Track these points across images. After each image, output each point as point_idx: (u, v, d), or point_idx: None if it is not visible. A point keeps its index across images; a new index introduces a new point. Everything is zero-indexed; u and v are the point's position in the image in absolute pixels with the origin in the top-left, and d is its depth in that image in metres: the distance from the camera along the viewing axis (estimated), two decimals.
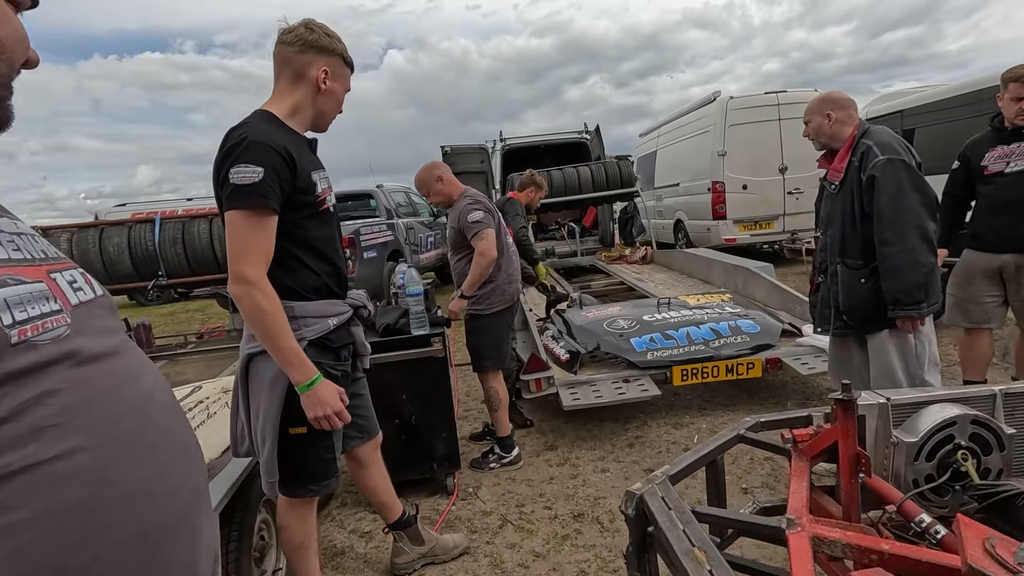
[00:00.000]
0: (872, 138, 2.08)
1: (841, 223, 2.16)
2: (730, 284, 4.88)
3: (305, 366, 1.44)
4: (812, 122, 2.22)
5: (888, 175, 1.99)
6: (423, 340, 2.51)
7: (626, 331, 3.43)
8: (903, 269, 2.00)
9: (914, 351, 2.12)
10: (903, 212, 1.99)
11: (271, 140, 1.41)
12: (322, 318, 1.57)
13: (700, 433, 3.06)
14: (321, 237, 1.57)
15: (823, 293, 2.35)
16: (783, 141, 7.94)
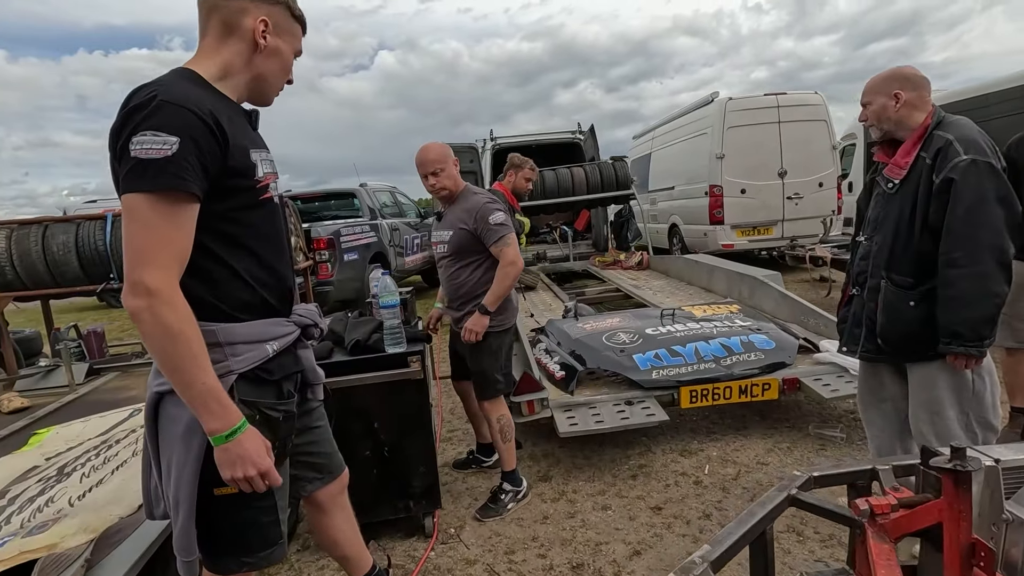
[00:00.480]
0: (952, 131, 1.68)
1: (894, 230, 1.80)
2: (733, 293, 4.58)
3: (225, 411, 1.07)
4: (873, 103, 1.82)
5: (970, 181, 1.61)
6: (399, 359, 2.16)
7: (628, 346, 3.10)
8: (971, 298, 1.64)
9: (971, 386, 1.77)
10: (981, 229, 1.61)
11: (192, 102, 1.05)
12: (257, 343, 1.19)
13: (711, 462, 2.73)
14: (260, 235, 1.20)
15: (855, 308, 2.00)
16: (783, 144, 7.69)
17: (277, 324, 1.25)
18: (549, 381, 3.08)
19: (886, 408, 2.07)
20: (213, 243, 1.13)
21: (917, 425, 1.90)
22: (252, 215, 1.18)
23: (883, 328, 1.86)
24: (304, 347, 1.37)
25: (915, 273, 1.77)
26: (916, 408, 1.90)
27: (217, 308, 1.14)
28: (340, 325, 2.42)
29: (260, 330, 1.21)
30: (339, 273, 5.83)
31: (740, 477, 2.58)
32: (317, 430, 1.51)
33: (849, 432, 2.87)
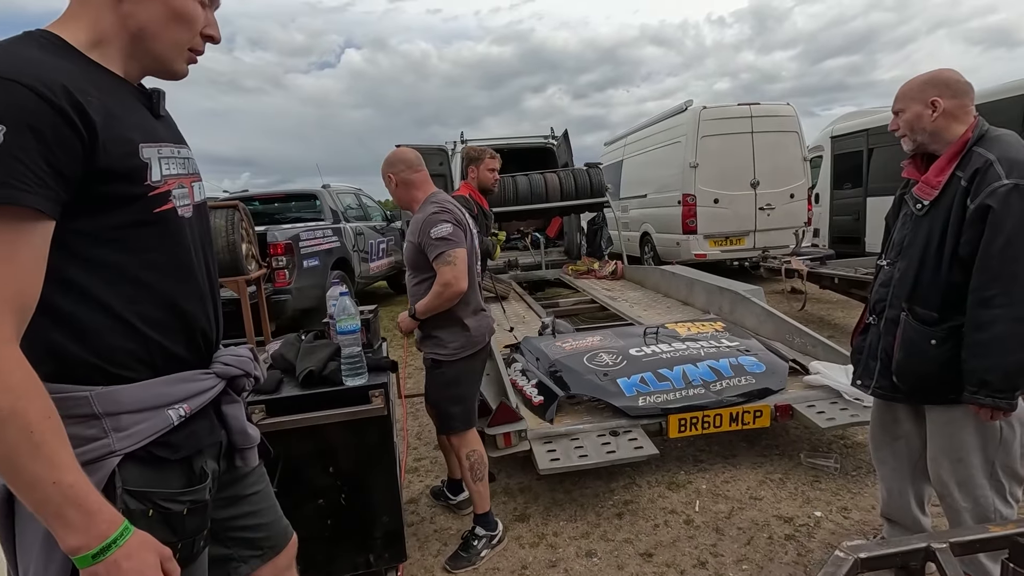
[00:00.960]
0: (995, 149, 1.47)
1: (920, 257, 1.60)
2: (713, 307, 4.43)
3: (91, 519, 0.74)
4: (907, 111, 1.61)
5: (1013, 210, 1.41)
6: (359, 394, 1.87)
7: (611, 368, 2.88)
8: (1005, 344, 1.44)
9: (999, 434, 1.59)
10: (1022, 264, 1.42)
11: (31, 75, 0.72)
12: (153, 410, 0.88)
13: (701, 497, 2.53)
14: (156, 263, 0.89)
15: (871, 339, 1.80)
16: (755, 155, 7.68)
17: (187, 380, 0.94)
18: (526, 406, 2.83)
19: (899, 447, 1.90)
20: (83, 277, 0.81)
21: (937, 472, 1.73)
22: (143, 235, 0.86)
23: (899, 365, 1.67)
24: (232, 402, 1.06)
25: (940, 307, 1.57)
26: (936, 453, 1.72)
27: (91, 366, 0.83)
28: (291, 350, 2.11)
29: (158, 391, 0.89)
30: (298, 281, 5.44)
31: (733, 515, 2.38)
32: (253, 498, 1.18)
33: (843, 461, 2.72)
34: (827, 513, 2.34)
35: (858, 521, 2.28)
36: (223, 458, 1.07)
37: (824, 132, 9.69)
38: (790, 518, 2.32)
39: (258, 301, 3.84)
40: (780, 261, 6.00)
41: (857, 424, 2.56)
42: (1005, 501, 1.65)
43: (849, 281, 5.08)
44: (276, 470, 1.81)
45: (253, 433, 1.12)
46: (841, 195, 9.03)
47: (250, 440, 1.10)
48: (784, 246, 7.47)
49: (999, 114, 6.18)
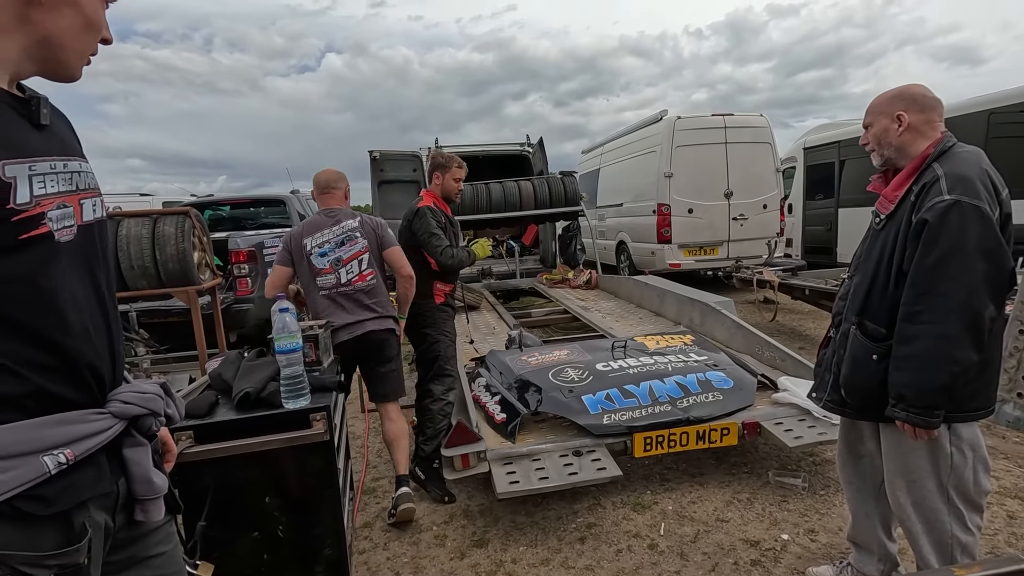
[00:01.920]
0: (947, 164, 1.45)
1: (873, 272, 1.59)
2: (684, 319, 4.39)
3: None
4: (875, 125, 1.58)
5: (947, 225, 1.37)
6: (299, 417, 1.74)
7: (576, 385, 2.79)
8: (925, 361, 1.42)
9: (949, 458, 1.55)
10: (952, 282, 1.38)
11: None
12: (21, 457, 0.75)
13: (667, 519, 2.44)
14: (25, 296, 0.78)
15: (829, 353, 1.78)
16: (729, 165, 7.72)
17: (69, 422, 0.81)
18: (487, 424, 2.73)
19: (863, 466, 1.85)
20: None
21: (894, 494, 1.69)
22: (5, 265, 0.75)
23: (845, 379, 1.66)
24: (136, 445, 0.92)
25: (888, 323, 1.55)
26: (891, 474, 1.68)
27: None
28: (230, 369, 1.97)
29: (28, 436, 0.76)
30: (261, 289, 5.25)
31: (699, 539, 2.30)
32: (154, 561, 1.00)
33: (811, 479, 2.66)
34: (794, 536, 2.28)
35: (825, 544, 2.21)
36: (120, 511, 0.92)
37: (797, 143, 9.82)
38: (756, 542, 2.25)
39: (213, 312, 3.66)
40: (752, 272, 6.00)
41: (825, 443, 2.51)
42: (964, 528, 1.60)
43: (819, 292, 5.09)
44: (205, 501, 1.68)
45: (159, 482, 0.95)
46: (813, 206, 9.14)
47: (155, 490, 0.94)
48: (757, 256, 7.51)
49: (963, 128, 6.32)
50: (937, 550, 1.61)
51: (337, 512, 1.84)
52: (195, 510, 1.66)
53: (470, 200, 6.45)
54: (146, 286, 3.14)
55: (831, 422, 2.55)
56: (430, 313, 2.88)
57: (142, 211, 3.45)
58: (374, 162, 6.84)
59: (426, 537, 2.41)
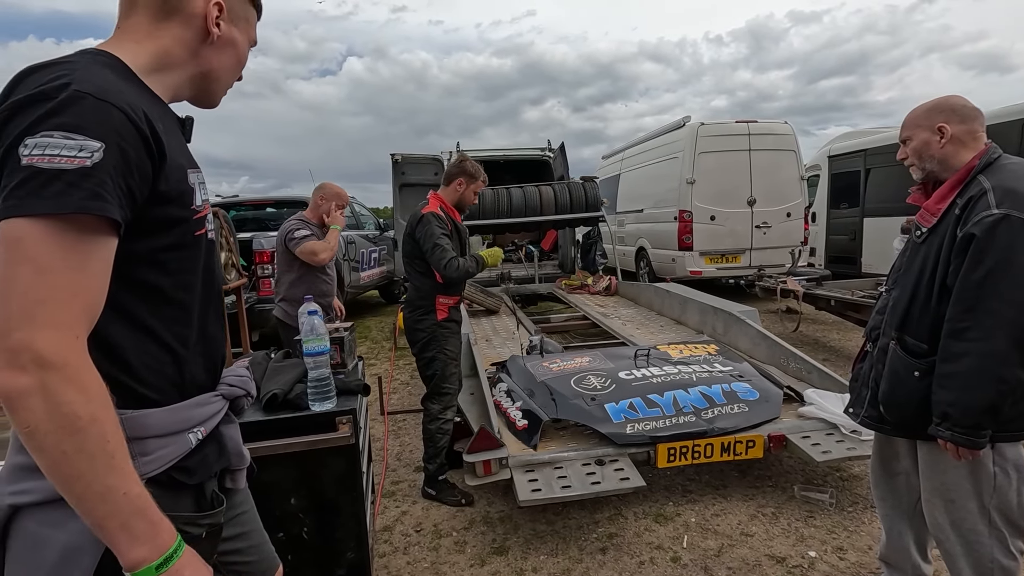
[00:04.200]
0: (995, 177, 1.41)
1: (913, 286, 1.54)
2: (707, 328, 4.33)
3: (155, 529, 0.74)
4: (914, 139, 1.55)
5: (995, 240, 1.33)
6: (326, 420, 1.75)
7: (599, 393, 2.76)
8: (972, 379, 1.38)
9: (992, 480, 1.49)
10: (1000, 299, 1.34)
11: (121, 98, 0.73)
12: (176, 435, 0.85)
13: (690, 531, 2.40)
14: (192, 285, 0.89)
15: (866, 367, 1.74)
16: (752, 172, 7.63)
17: (203, 403, 0.91)
18: (508, 430, 2.71)
19: (898, 484, 1.80)
20: (127, 297, 0.79)
21: (931, 513, 1.63)
22: (183, 257, 0.86)
23: (884, 396, 1.61)
24: (230, 423, 1.01)
25: (930, 339, 1.50)
26: (929, 493, 1.63)
27: (126, 389, 0.79)
28: (258, 371, 1.98)
29: (183, 416, 0.86)
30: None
31: (723, 553, 2.25)
32: (241, 518, 1.09)
33: (838, 495, 2.60)
34: (822, 553, 2.22)
35: (854, 563, 2.15)
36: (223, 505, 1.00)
37: (822, 151, 9.67)
38: (783, 558, 2.20)
39: (237, 312, 3.71)
40: (775, 281, 5.91)
41: (853, 458, 2.45)
42: (1007, 552, 1.54)
43: (845, 303, 4.99)
44: None
45: (246, 454, 1.07)
46: (838, 215, 8.98)
47: (244, 461, 1.06)
48: (780, 265, 7.40)
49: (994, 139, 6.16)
50: (976, 573, 1.55)
51: (360, 516, 1.84)
52: None
53: (491, 204, 6.45)
54: None
55: (860, 438, 2.49)
56: (431, 330, 2.67)
57: None
58: (396, 165, 6.88)
59: (446, 543, 2.40)
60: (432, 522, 2.56)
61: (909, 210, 1.84)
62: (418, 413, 3.78)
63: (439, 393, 2.73)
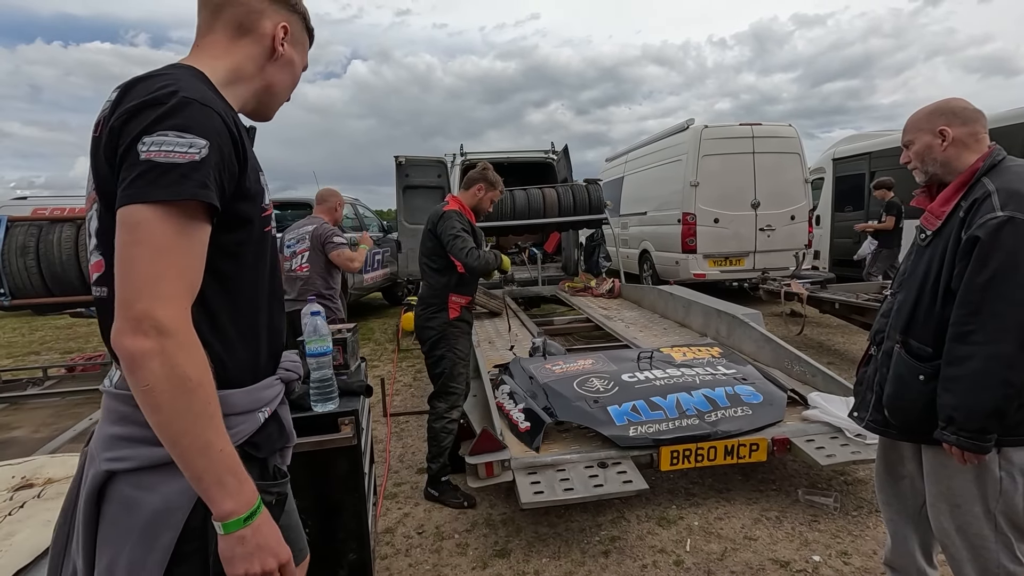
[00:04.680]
0: (999, 179, 1.41)
1: (919, 290, 1.54)
2: (711, 330, 4.32)
3: (243, 486, 0.83)
4: (917, 143, 1.54)
5: (1000, 243, 1.33)
6: (328, 421, 1.75)
7: (602, 395, 2.76)
8: (978, 382, 1.37)
9: (998, 484, 1.48)
10: (1005, 302, 1.34)
11: (217, 105, 0.86)
12: (250, 413, 0.95)
13: (693, 535, 2.39)
14: (263, 276, 0.99)
15: (871, 371, 1.72)
16: (756, 175, 7.61)
17: (269, 386, 1.00)
18: (511, 432, 2.71)
19: (903, 488, 1.78)
20: (212, 286, 0.87)
21: (937, 518, 1.62)
22: (256, 252, 0.96)
23: (889, 399, 1.60)
24: (283, 403, 1.08)
25: (935, 342, 1.49)
26: (934, 498, 1.61)
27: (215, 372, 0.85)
28: None
29: (256, 396, 0.96)
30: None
31: (726, 557, 2.24)
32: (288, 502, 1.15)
33: (843, 499, 2.58)
34: (826, 557, 2.21)
35: (859, 568, 2.14)
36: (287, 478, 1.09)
37: (826, 154, 9.65)
38: (786, 562, 2.19)
39: None
40: (780, 284, 5.89)
41: (858, 462, 2.43)
42: (1014, 558, 1.53)
43: (850, 307, 4.97)
44: None
45: (294, 433, 1.13)
46: (842, 218, 8.96)
47: (292, 440, 1.12)
48: (784, 268, 7.38)
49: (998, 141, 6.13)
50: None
51: (362, 517, 1.84)
52: None
53: (495, 207, 6.45)
54: None
55: (864, 441, 2.48)
56: (441, 328, 2.69)
57: None
58: (399, 167, 6.90)
59: (448, 545, 2.40)
60: (434, 524, 2.56)
61: (915, 213, 1.83)
62: (421, 415, 3.79)
63: (446, 392, 2.74)
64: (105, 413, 0.92)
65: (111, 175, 0.82)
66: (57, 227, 3.07)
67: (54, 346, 7.13)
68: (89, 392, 3.27)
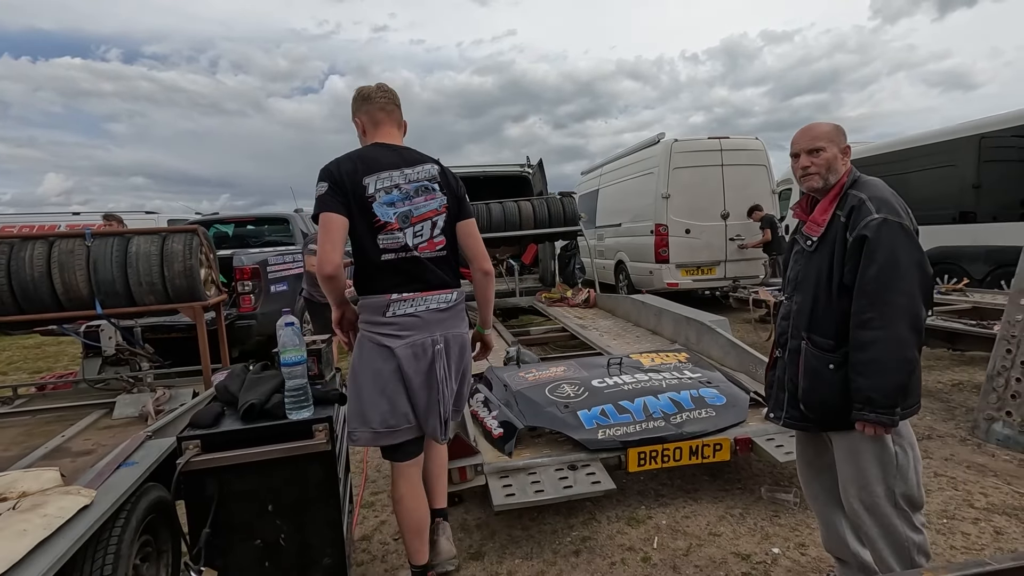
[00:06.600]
0: (866, 190, 1.63)
1: (814, 290, 1.70)
2: (681, 337, 4.46)
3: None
4: (827, 151, 1.71)
5: (883, 240, 1.54)
6: (303, 428, 1.81)
7: (572, 400, 2.85)
8: (884, 363, 1.54)
9: (895, 460, 1.65)
10: (894, 290, 1.53)
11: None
12: None
13: (660, 533, 2.48)
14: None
15: (779, 372, 1.87)
16: (725, 187, 7.86)
17: None
18: (485, 439, 2.78)
19: (825, 479, 1.92)
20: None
21: (849, 502, 1.77)
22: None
23: (805, 393, 1.74)
24: None
25: (836, 335, 1.67)
26: (845, 483, 1.76)
27: None
28: (236, 382, 2.04)
29: None
30: (264, 306, 5.34)
31: (691, 552, 2.34)
32: None
33: (802, 495, 2.70)
34: (784, 550, 2.32)
35: (815, 558, 2.25)
36: None
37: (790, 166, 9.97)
38: (747, 555, 2.29)
39: (217, 328, 3.73)
40: (748, 292, 6.08)
41: None
42: (914, 528, 1.69)
43: None
44: (210, 509, 1.73)
45: None
46: None
47: None
48: (754, 276, 7.60)
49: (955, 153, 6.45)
50: (895, 553, 1.68)
51: (337, 521, 1.89)
52: (200, 518, 1.72)
53: None
54: (153, 301, 3.21)
55: None
56: None
57: (152, 228, 3.54)
58: None
59: None
60: None
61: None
62: None
63: None
64: (453, 317, 1.99)
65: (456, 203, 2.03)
66: (28, 245, 3.07)
67: (22, 366, 6.98)
68: (60, 410, 3.25)
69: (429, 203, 1.94)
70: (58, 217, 10.39)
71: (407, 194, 1.91)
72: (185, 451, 1.71)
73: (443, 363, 1.92)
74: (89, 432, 2.75)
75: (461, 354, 2.00)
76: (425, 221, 1.93)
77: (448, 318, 1.96)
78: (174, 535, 2.00)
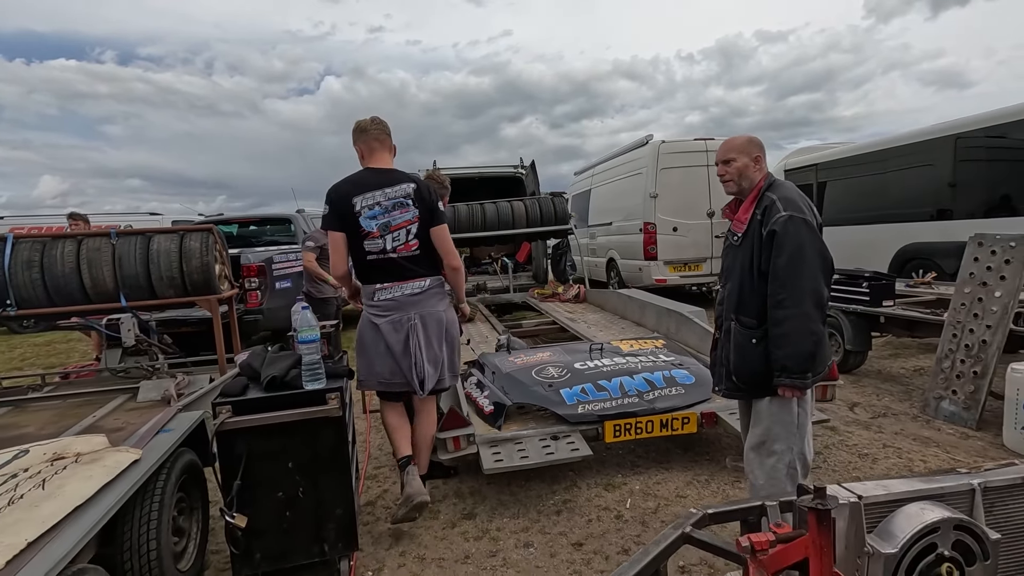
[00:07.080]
0: (777, 192, 1.95)
1: (740, 278, 2.03)
2: (662, 328, 4.76)
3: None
4: (738, 161, 2.04)
5: (789, 233, 1.85)
6: (317, 396, 2.10)
7: (556, 381, 3.15)
8: (795, 336, 1.87)
9: (795, 420, 1.99)
10: (801, 275, 1.85)
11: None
12: None
13: (633, 496, 2.79)
14: None
15: (719, 352, 2.19)
16: (711, 186, 8.16)
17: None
18: (478, 416, 3.08)
19: None
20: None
21: (750, 455, 2.08)
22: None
23: (735, 366, 2.06)
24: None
25: (758, 315, 1.99)
26: (753, 441, 2.06)
27: None
28: (258, 360, 2.33)
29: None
30: (269, 302, 5.63)
31: (659, 511, 2.64)
32: None
33: None
34: None
35: None
36: None
37: (779, 166, 10.28)
38: None
39: (230, 320, 4.02)
40: None
41: None
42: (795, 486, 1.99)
43: None
44: (240, 464, 2.03)
45: None
46: None
47: None
48: None
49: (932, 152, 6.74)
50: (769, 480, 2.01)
51: (347, 479, 2.19)
52: (232, 472, 2.02)
53: (466, 219, 6.86)
54: (173, 295, 3.50)
55: None
56: None
57: (171, 228, 3.84)
58: None
59: None
60: None
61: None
62: None
63: None
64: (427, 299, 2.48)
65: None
66: (59, 243, 3.35)
67: (36, 362, 7.25)
68: (88, 395, 3.54)
69: (404, 215, 2.50)
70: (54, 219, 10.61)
71: (386, 208, 2.48)
72: (219, 415, 2.01)
73: (416, 335, 2.50)
74: (117, 413, 3.03)
75: (439, 326, 2.56)
76: (401, 229, 2.50)
77: (422, 300, 2.54)
78: (203, 495, 2.32)
